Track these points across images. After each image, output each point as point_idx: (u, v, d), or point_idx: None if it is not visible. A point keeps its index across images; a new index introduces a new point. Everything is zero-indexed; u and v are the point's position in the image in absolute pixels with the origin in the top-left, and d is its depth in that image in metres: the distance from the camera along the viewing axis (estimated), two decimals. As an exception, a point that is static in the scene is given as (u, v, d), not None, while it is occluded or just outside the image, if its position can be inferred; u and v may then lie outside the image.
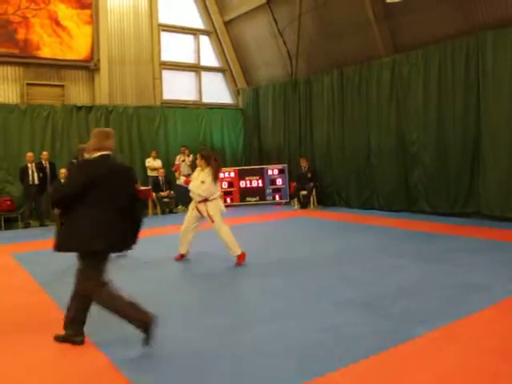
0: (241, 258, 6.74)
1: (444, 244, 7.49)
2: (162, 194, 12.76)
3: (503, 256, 6.51)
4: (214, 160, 6.85)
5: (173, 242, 8.68)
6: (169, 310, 4.77)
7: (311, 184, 12.78)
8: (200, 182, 6.76)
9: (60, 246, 3.93)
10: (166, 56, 14.87)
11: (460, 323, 4.08)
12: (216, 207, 6.80)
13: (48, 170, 11.34)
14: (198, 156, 7.02)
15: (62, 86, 13.07)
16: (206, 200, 6.78)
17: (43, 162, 11.28)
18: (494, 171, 9.35)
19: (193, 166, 13.86)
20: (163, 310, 4.79)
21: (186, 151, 13.63)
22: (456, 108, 9.93)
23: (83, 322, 3.95)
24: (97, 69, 13.42)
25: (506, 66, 9.03)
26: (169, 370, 3.44)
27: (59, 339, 3.95)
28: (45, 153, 11.43)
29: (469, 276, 5.55)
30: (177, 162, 13.59)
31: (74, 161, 11.69)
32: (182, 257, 7.19)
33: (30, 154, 11.08)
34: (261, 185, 13.89)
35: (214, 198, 6.83)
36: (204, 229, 9.99)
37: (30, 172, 10.95)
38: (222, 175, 14.03)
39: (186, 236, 7.12)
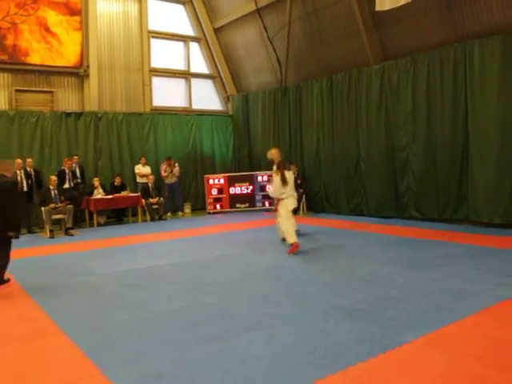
0: (294, 247, 7.72)
1: (432, 250, 7.53)
2: (152, 200, 12.71)
3: (490, 262, 6.56)
4: (280, 165, 8.06)
5: (161, 248, 8.68)
6: (156, 317, 4.76)
7: (301, 190, 12.80)
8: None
9: None
10: (155, 62, 14.89)
11: (448, 329, 4.10)
12: (283, 205, 8.08)
13: (33, 178, 11.25)
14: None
15: (51, 93, 13.02)
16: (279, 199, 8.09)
17: (27, 169, 11.16)
18: (481, 178, 9.44)
19: (180, 176, 13.88)
20: (152, 317, 4.78)
21: (172, 161, 13.64)
22: (444, 115, 10.03)
23: None
24: (86, 75, 13.39)
25: (492, 73, 9.14)
26: (155, 380, 3.42)
27: None
28: (29, 160, 11.29)
29: (457, 282, 5.59)
30: (164, 174, 13.54)
31: (63, 167, 11.68)
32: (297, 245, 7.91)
33: (18, 161, 10.98)
34: (251, 191, 13.90)
35: (283, 198, 8.04)
36: (195, 235, 9.98)
37: (19, 179, 10.85)
38: (211, 181, 14.05)
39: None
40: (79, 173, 12.05)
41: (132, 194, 12.61)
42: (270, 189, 9.04)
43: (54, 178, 10.87)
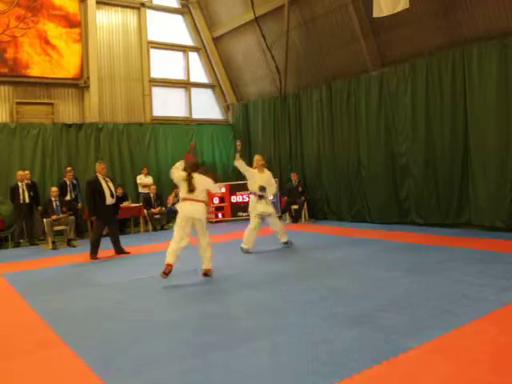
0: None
1: (435, 255, 7.51)
2: (154, 210, 12.72)
3: (494, 266, 6.53)
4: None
5: (163, 258, 8.66)
6: (159, 327, 4.75)
7: (302, 198, 12.81)
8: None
9: None
10: (155, 73, 14.95)
11: (452, 335, 4.08)
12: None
13: (36, 189, 11.25)
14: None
15: (52, 104, 13.08)
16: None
17: (27, 182, 11.11)
18: (483, 182, 9.44)
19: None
20: (155, 327, 4.76)
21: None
22: (444, 120, 10.04)
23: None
24: (86, 86, 13.45)
25: (491, 77, 9.17)
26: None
27: None
28: (26, 172, 11.31)
29: (460, 287, 5.56)
30: (171, 203, 13.54)
31: (64, 179, 11.65)
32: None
33: (20, 173, 11.01)
34: (252, 199, 13.85)
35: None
36: (197, 245, 9.96)
37: (21, 191, 10.88)
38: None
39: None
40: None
41: (134, 205, 12.62)
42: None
43: (55, 189, 10.86)
